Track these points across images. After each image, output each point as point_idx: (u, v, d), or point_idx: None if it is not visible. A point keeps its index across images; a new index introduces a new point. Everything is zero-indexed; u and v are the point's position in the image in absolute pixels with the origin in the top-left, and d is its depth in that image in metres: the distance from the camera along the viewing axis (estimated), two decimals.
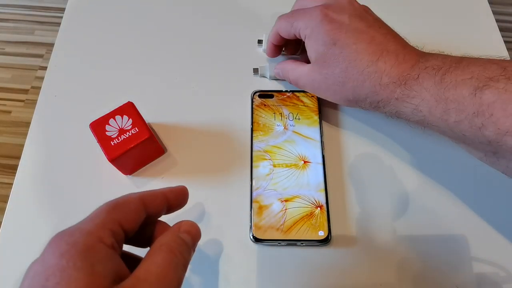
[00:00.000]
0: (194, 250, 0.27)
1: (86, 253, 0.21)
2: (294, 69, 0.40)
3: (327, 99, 0.39)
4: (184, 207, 0.30)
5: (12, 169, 1.12)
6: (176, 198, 0.29)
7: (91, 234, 0.22)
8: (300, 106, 0.42)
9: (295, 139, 0.40)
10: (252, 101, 0.43)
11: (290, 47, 0.45)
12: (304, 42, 0.39)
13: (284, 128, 0.41)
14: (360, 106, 0.36)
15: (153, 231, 0.27)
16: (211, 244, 0.37)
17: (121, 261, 0.23)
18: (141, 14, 0.51)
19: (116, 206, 0.24)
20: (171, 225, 0.28)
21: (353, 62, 0.34)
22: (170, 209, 0.29)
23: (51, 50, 0.48)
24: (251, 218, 0.36)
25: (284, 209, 0.37)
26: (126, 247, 0.26)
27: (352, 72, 0.34)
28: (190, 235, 0.27)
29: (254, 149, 0.40)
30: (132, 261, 0.25)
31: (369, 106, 0.35)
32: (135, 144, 0.36)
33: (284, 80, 0.44)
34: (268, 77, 0.46)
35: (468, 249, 0.37)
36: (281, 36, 0.41)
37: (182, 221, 0.28)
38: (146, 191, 0.27)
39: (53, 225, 0.38)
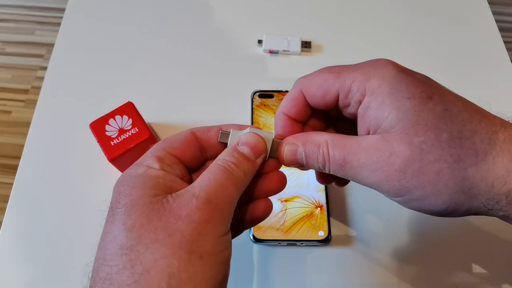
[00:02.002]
0: (259, 162, 0.26)
1: (138, 177, 0.23)
2: (339, 142, 0.24)
3: (412, 199, 0.23)
4: None
5: (12, 169, 1.12)
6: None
7: (141, 164, 0.24)
8: None
9: None
10: (252, 101, 0.43)
11: (312, 123, 0.29)
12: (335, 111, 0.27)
13: None
14: (478, 207, 0.22)
15: None
16: None
17: (176, 178, 0.24)
18: (141, 14, 0.51)
19: (166, 139, 0.26)
20: None
21: (468, 124, 0.22)
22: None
23: (51, 50, 0.48)
24: None
25: (284, 209, 0.37)
26: None
27: (473, 139, 0.22)
28: (249, 146, 0.25)
29: None
30: None
31: (495, 205, 0.22)
32: (135, 144, 0.36)
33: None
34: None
35: (468, 249, 0.37)
36: (305, 101, 0.27)
37: (244, 134, 0.26)
38: (202, 126, 0.27)
39: (53, 225, 0.38)
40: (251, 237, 0.36)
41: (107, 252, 0.21)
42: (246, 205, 0.28)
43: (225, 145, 0.27)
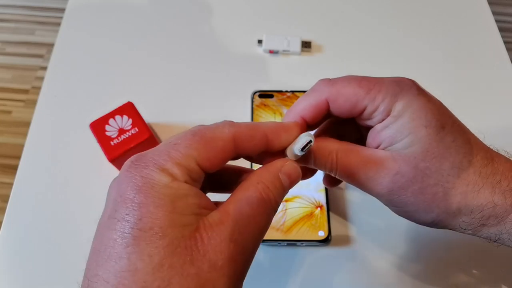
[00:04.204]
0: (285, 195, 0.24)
1: (163, 189, 0.20)
2: (349, 153, 0.26)
3: (405, 211, 0.26)
4: None
5: (12, 169, 1.12)
6: (278, 139, 0.24)
7: (165, 170, 0.20)
8: None
9: None
10: (252, 101, 0.43)
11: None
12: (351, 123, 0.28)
13: None
14: (455, 225, 0.26)
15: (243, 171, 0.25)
16: None
17: (201, 193, 0.21)
18: (141, 14, 0.51)
19: (200, 141, 0.22)
20: None
21: (468, 155, 0.25)
22: (270, 149, 0.24)
23: (51, 50, 0.48)
24: None
25: (284, 209, 0.37)
26: None
27: (468, 171, 0.25)
28: (290, 179, 0.24)
29: None
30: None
31: (468, 226, 0.26)
32: (135, 144, 0.36)
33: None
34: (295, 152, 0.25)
35: (468, 249, 0.37)
36: (327, 109, 0.27)
37: (285, 159, 0.24)
38: (244, 126, 0.23)
39: (53, 225, 0.38)
40: None
41: (124, 282, 0.18)
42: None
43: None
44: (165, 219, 0.19)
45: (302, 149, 0.23)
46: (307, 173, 0.29)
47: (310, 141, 0.23)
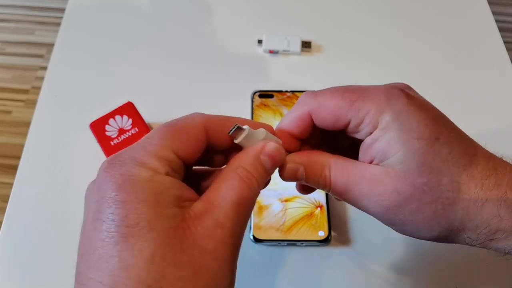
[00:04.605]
0: (270, 178, 0.24)
1: (145, 184, 0.20)
2: (342, 168, 0.25)
3: (405, 229, 0.25)
4: None
5: (12, 169, 1.12)
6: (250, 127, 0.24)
7: (144, 165, 0.20)
8: None
9: None
10: (252, 101, 0.43)
11: (311, 140, 0.28)
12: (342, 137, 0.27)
13: None
14: (460, 241, 0.25)
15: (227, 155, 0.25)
16: None
17: (183, 185, 0.21)
18: (141, 14, 0.51)
19: (172, 131, 0.22)
20: None
21: (467, 168, 0.23)
22: None
23: (51, 50, 0.48)
24: (251, 219, 0.36)
25: (284, 209, 0.37)
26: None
27: (469, 184, 0.23)
28: (273, 160, 0.23)
29: None
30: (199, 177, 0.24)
31: (474, 241, 0.24)
32: None
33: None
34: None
35: (468, 249, 0.36)
36: (311, 122, 0.26)
37: (267, 141, 0.24)
38: (215, 116, 0.24)
39: (53, 225, 0.38)
40: (251, 237, 0.36)
41: (118, 282, 0.18)
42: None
43: (232, 139, 0.24)
44: (150, 213, 0.19)
45: (229, 133, 0.23)
46: (307, 189, 0.29)
47: (236, 126, 0.23)
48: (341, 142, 0.29)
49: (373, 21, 0.51)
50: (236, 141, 0.23)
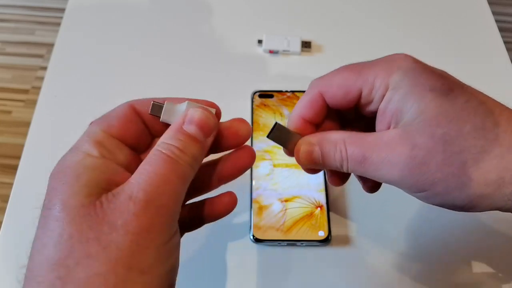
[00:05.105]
0: (210, 142, 0.23)
1: (71, 167, 0.21)
2: (357, 139, 0.24)
3: (435, 193, 0.22)
4: None
5: (12, 169, 1.12)
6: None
7: (76, 150, 0.22)
8: None
9: None
10: (252, 101, 0.43)
11: (327, 125, 0.27)
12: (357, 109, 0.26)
13: None
14: (500, 200, 0.21)
15: None
16: (211, 245, 0.37)
17: (118, 167, 0.21)
18: (141, 14, 0.51)
19: (100, 118, 0.23)
20: None
21: (490, 115, 0.22)
22: None
23: (51, 50, 0.48)
24: (251, 219, 0.36)
25: (284, 209, 0.37)
26: None
27: (496, 131, 0.21)
28: (200, 126, 0.22)
29: (254, 149, 0.40)
30: None
31: (506, 199, 0.21)
32: None
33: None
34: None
35: (468, 249, 0.37)
36: (323, 103, 0.25)
37: (189, 109, 0.23)
38: (142, 99, 0.25)
39: None
40: (251, 237, 0.36)
41: (35, 263, 0.19)
42: (209, 200, 0.26)
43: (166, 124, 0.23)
44: (67, 192, 0.20)
45: (149, 113, 0.23)
46: (340, 177, 0.28)
47: (152, 103, 0.23)
48: (357, 128, 0.27)
49: (373, 21, 0.51)
50: (161, 120, 0.23)
